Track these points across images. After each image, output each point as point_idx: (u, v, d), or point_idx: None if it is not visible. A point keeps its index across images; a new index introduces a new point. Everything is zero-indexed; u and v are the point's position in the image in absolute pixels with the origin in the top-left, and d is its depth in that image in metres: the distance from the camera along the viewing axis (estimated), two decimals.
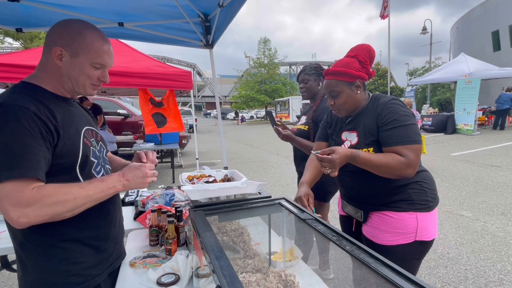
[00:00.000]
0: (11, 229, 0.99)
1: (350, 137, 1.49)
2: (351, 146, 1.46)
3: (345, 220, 1.71)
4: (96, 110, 6.70)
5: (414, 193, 1.39)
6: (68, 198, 0.90)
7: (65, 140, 0.95)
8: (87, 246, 1.04)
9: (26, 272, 0.99)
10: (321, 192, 2.22)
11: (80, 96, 1.22)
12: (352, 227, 1.64)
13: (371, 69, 1.45)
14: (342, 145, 1.50)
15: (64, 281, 0.99)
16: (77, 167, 1.00)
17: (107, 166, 1.18)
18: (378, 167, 1.31)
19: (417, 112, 7.77)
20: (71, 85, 1.03)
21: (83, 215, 0.98)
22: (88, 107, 6.48)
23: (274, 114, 2.59)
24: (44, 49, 1.02)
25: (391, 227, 1.39)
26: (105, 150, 1.19)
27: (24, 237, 0.97)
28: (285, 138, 2.24)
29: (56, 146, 0.93)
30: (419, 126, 1.42)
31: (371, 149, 1.39)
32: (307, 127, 2.28)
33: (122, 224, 1.23)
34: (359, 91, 1.44)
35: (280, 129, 2.23)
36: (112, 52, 1.08)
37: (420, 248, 1.41)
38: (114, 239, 1.15)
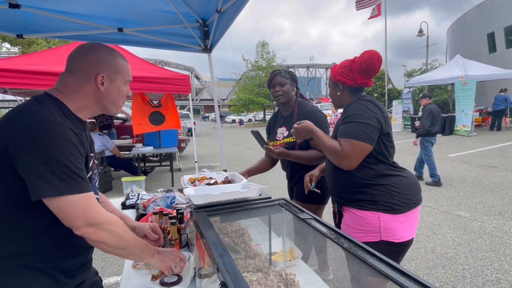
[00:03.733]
0: None
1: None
2: None
3: (333, 213, 1.80)
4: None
5: (379, 194, 1.44)
6: (123, 237, 0.96)
7: (84, 158, 0.98)
8: (47, 275, 0.95)
9: None
10: (311, 195, 2.17)
11: None
12: (336, 220, 1.73)
13: (363, 80, 1.55)
14: None
15: None
16: None
17: (97, 196, 1.14)
18: (323, 148, 1.54)
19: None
20: (106, 106, 1.09)
21: (49, 246, 0.96)
22: None
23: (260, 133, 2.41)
24: (79, 76, 1.03)
25: (356, 224, 1.47)
26: (97, 180, 1.20)
27: None
28: (280, 155, 2.11)
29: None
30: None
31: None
32: (293, 138, 2.13)
33: (90, 261, 1.15)
34: (339, 93, 1.65)
35: (272, 148, 2.10)
36: None
37: (390, 248, 1.42)
38: (79, 277, 1.06)
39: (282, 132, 2.28)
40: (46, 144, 0.85)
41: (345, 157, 1.42)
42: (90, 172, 1.03)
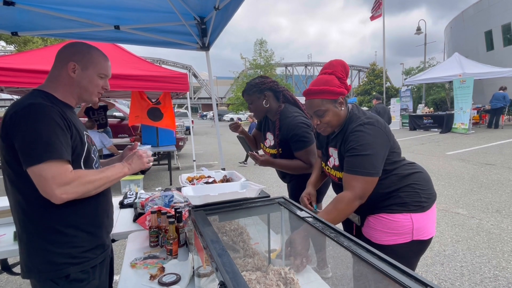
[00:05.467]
0: (20, 216, 1.11)
1: (334, 154, 1.53)
2: (334, 167, 1.52)
3: (346, 223, 1.71)
4: (105, 109, 6.75)
5: (407, 196, 1.41)
6: (96, 179, 1.12)
7: (75, 136, 1.13)
8: (84, 232, 1.18)
9: (30, 255, 1.11)
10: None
11: None
12: (352, 231, 1.64)
13: (348, 85, 1.46)
14: (328, 161, 1.58)
15: (65, 262, 1.13)
16: (82, 160, 1.16)
17: (100, 166, 1.35)
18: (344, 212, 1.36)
19: None
20: (81, 93, 1.23)
21: (81, 205, 1.15)
22: (96, 108, 6.51)
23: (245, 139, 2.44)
24: (57, 65, 1.21)
25: (387, 228, 1.41)
26: (97, 153, 1.35)
27: (33, 223, 1.10)
28: (263, 163, 2.07)
29: (70, 139, 1.10)
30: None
31: None
32: (276, 150, 2.13)
33: (112, 217, 1.38)
34: (342, 108, 1.45)
35: (256, 155, 2.04)
36: (111, 66, 1.31)
37: (418, 246, 1.43)
38: (106, 228, 1.30)
39: (270, 138, 2.22)
40: (30, 122, 1.01)
41: (357, 198, 1.33)
42: (87, 144, 1.20)
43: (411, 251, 1.42)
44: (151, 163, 1.37)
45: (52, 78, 1.20)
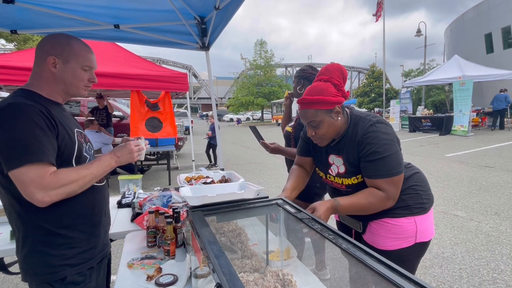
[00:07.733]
0: (14, 218, 1.09)
1: (337, 162, 1.44)
2: (339, 175, 1.44)
3: (343, 227, 1.66)
4: (107, 110, 6.73)
5: (409, 198, 1.39)
6: (79, 178, 1.07)
7: (63, 135, 1.08)
8: (81, 232, 1.15)
9: (26, 258, 1.09)
10: (307, 194, 2.08)
11: (98, 93, 1.35)
12: (351, 236, 1.61)
13: (346, 91, 1.40)
14: (329, 169, 1.48)
15: (63, 263, 1.11)
16: (73, 160, 1.13)
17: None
18: (360, 209, 1.32)
19: None
20: (66, 88, 1.18)
21: (76, 205, 1.13)
22: (101, 107, 6.49)
23: (257, 129, 2.56)
24: (37, 61, 1.15)
25: (391, 233, 1.39)
26: (92, 150, 1.32)
27: (26, 224, 1.08)
28: (274, 151, 2.20)
29: (57, 139, 1.06)
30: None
31: (359, 176, 1.37)
32: (291, 129, 2.25)
33: (109, 215, 1.35)
34: (339, 117, 1.37)
35: (267, 143, 2.18)
36: (95, 57, 1.24)
37: (420, 248, 1.43)
38: (104, 227, 1.28)
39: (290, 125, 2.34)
40: (7, 124, 0.98)
41: (392, 198, 1.30)
42: (77, 142, 1.15)
43: (413, 254, 1.41)
44: (143, 155, 1.32)
45: (35, 75, 1.15)
